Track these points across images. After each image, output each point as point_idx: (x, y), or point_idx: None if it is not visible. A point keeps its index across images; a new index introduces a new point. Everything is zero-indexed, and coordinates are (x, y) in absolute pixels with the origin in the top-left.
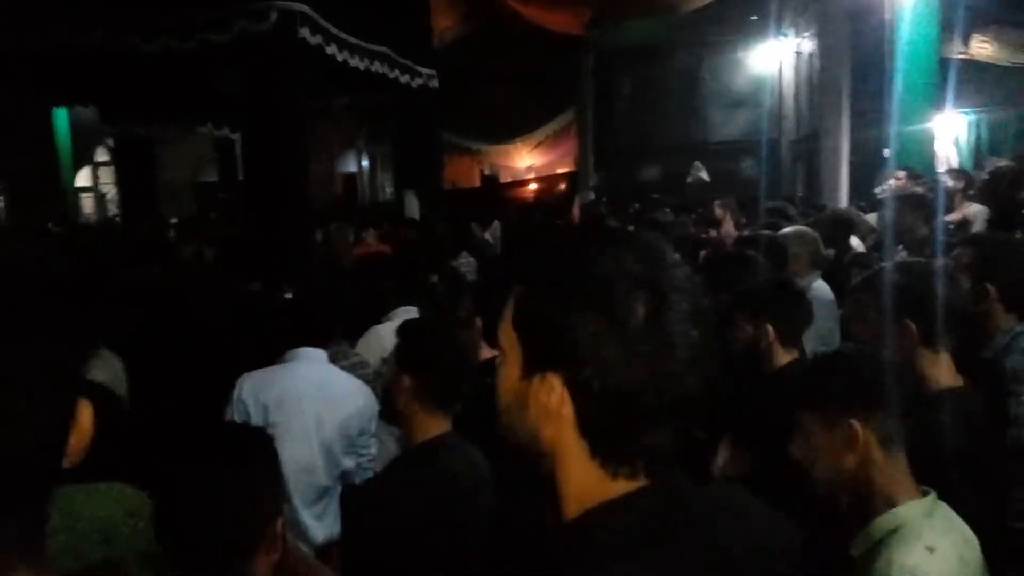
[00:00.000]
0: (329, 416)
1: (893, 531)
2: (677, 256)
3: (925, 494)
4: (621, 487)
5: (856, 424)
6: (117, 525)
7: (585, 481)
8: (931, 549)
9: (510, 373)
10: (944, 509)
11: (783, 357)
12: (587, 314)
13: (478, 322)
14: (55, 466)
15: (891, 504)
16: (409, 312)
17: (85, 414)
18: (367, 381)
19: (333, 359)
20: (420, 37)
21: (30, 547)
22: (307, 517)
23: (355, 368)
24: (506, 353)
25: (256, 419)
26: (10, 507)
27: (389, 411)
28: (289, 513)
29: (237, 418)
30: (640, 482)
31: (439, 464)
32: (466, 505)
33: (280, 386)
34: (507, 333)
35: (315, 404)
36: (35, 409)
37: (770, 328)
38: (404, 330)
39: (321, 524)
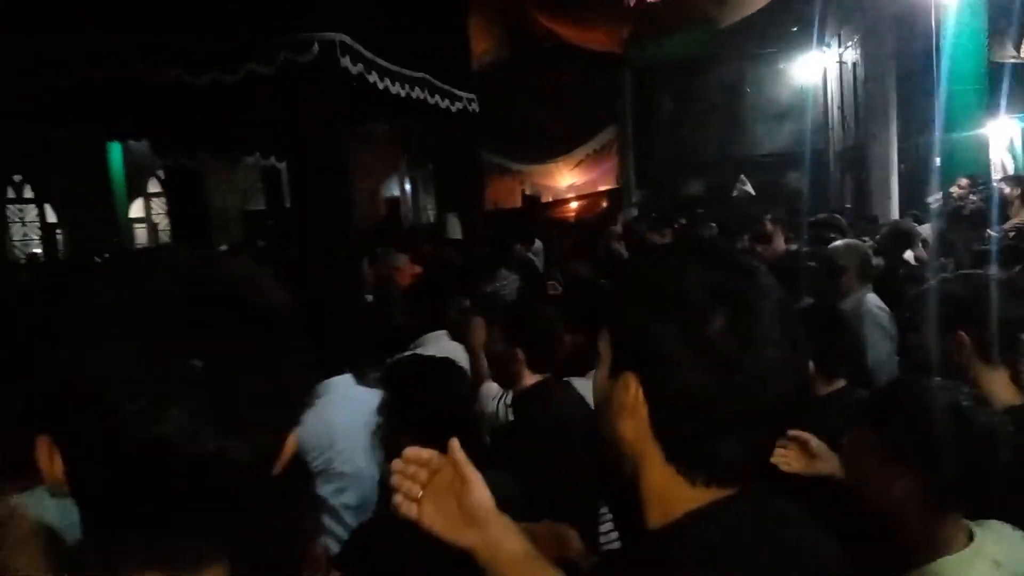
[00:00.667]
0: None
1: None
2: (768, 272)
3: (971, 536)
4: (702, 495)
5: (907, 472)
6: None
7: (664, 486)
8: None
9: (602, 373)
10: (994, 548)
11: (823, 388)
12: (666, 319)
13: (519, 353)
14: (269, 475)
15: (930, 555)
16: (439, 337)
17: (292, 437)
18: None
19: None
20: (459, 61)
21: (226, 552)
22: None
23: None
24: (601, 355)
25: (323, 460)
26: (230, 508)
27: (386, 451)
28: None
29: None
30: (720, 491)
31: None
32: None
33: (331, 432)
34: (602, 338)
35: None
36: (268, 429)
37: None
38: (388, 375)
39: None
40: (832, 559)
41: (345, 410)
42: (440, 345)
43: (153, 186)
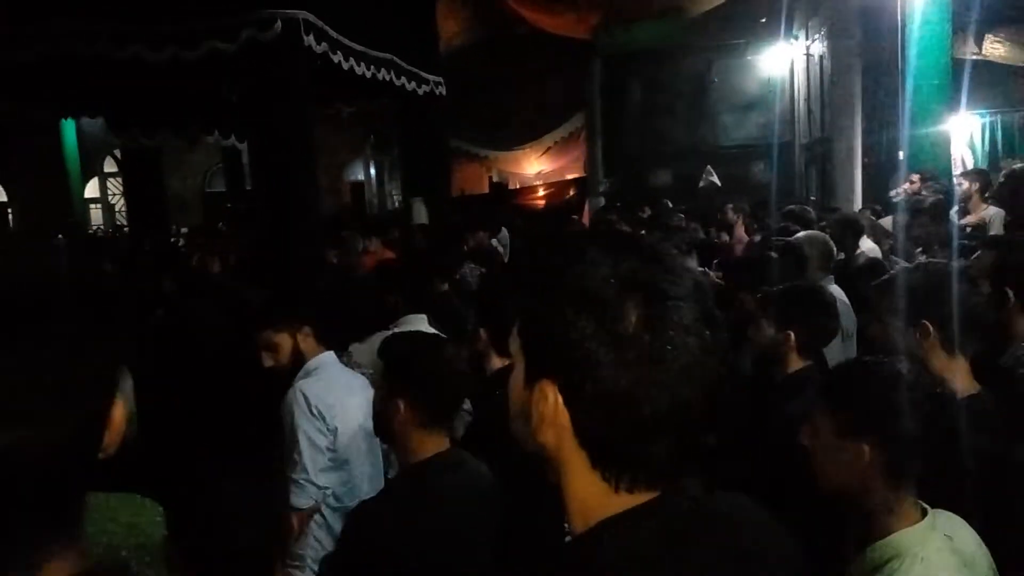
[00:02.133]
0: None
1: (888, 561)
2: (682, 260)
3: (924, 512)
4: (624, 501)
5: (865, 448)
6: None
7: (587, 493)
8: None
9: (517, 381)
10: (945, 526)
11: (796, 363)
12: (579, 319)
13: (482, 333)
14: (92, 460)
15: (887, 529)
16: (419, 320)
17: (119, 411)
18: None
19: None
20: (426, 44)
21: (68, 540)
22: None
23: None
24: (515, 361)
25: (331, 421)
26: (50, 498)
27: (380, 428)
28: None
29: (311, 424)
30: (643, 495)
31: (432, 485)
32: (462, 526)
33: (335, 391)
34: (514, 341)
35: (355, 400)
36: (74, 405)
37: (792, 334)
38: (388, 350)
39: None
40: (774, 560)
41: (339, 382)
42: (420, 328)
43: (109, 166)
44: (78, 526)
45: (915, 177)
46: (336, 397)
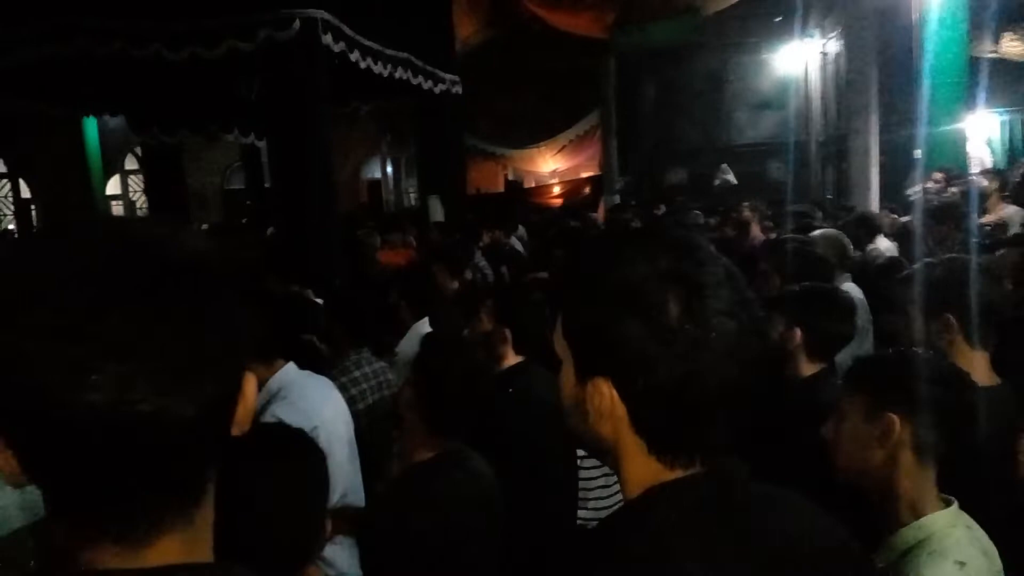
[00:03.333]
0: (343, 423)
1: (919, 543)
2: (713, 250)
3: (947, 503)
4: (676, 474)
5: (895, 418)
6: None
7: (645, 473)
8: (961, 564)
9: (568, 379)
10: (965, 519)
11: (807, 368)
12: (625, 316)
13: (506, 332)
14: (223, 435)
15: (916, 513)
16: (424, 324)
17: (251, 385)
18: (388, 387)
19: (357, 365)
20: (443, 43)
21: (185, 519)
22: None
23: (377, 374)
24: (563, 360)
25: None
26: (173, 469)
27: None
28: None
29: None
30: (695, 470)
31: (425, 489)
32: (456, 528)
33: (316, 413)
34: (559, 341)
35: (334, 416)
36: (216, 377)
37: (798, 332)
38: (425, 342)
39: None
40: (813, 544)
41: (312, 398)
42: (422, 332)
43: (130, 163)
44: (199, 505)
45: (938, 175)
46: (317, 416)
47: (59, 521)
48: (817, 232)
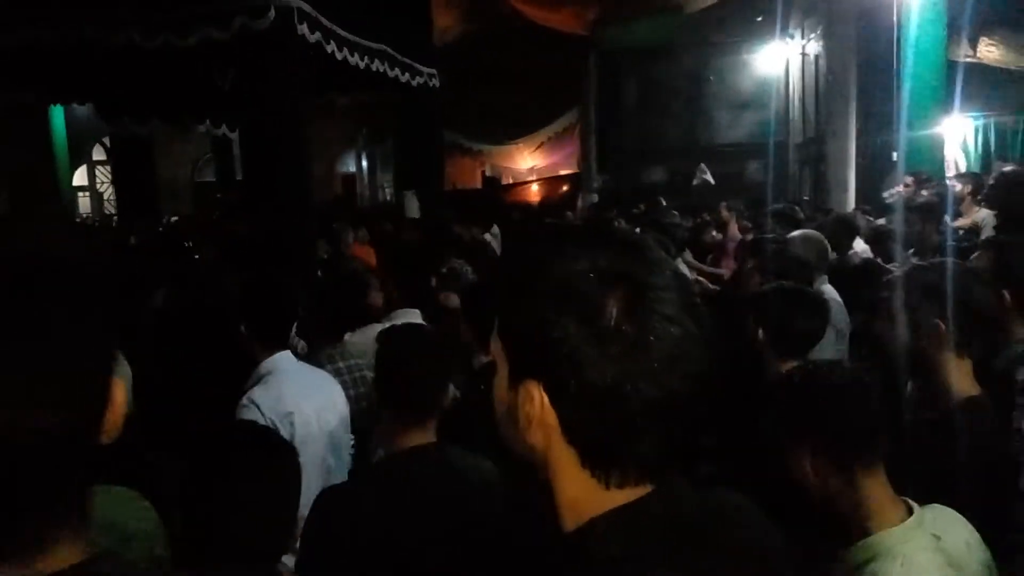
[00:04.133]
0: (331, 416)
1: (865, 563)
2: (661, 252)
3: (910, 511)
4: (615, 498)
5: (806, 454)
6: (132, 528)
7: (578, 491)
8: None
9: (500, 384)
10: (935, 523)
11: (777, 366)
12: (559, 316)
13: (467, 329)
14: (94, 441)
15: (864, 531)
16: (410, 314)
17: (119, 392)
18: (363, 380)
19: (331, 359)
20: (421, 35)
21: (73, 526)
22: None
23: (351, 370)
24: (497, 363)
25: (286, 432)
26: (52, 480)
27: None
28: None
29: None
30: (634, 492)
31: (409, 476)
32: (439, 518)
33: (291, 399)
34: (495, 343)
35: (316, 403)
36: (76, 387)
37: (760, 332)
38: (381, 338)
39: None
40: (765, 556)
41: (295, 385)
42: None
43: (98, 153)
44: (83, 511)
45: (909, 179)
46: (294, 404)
47: None
48: (797, 233)
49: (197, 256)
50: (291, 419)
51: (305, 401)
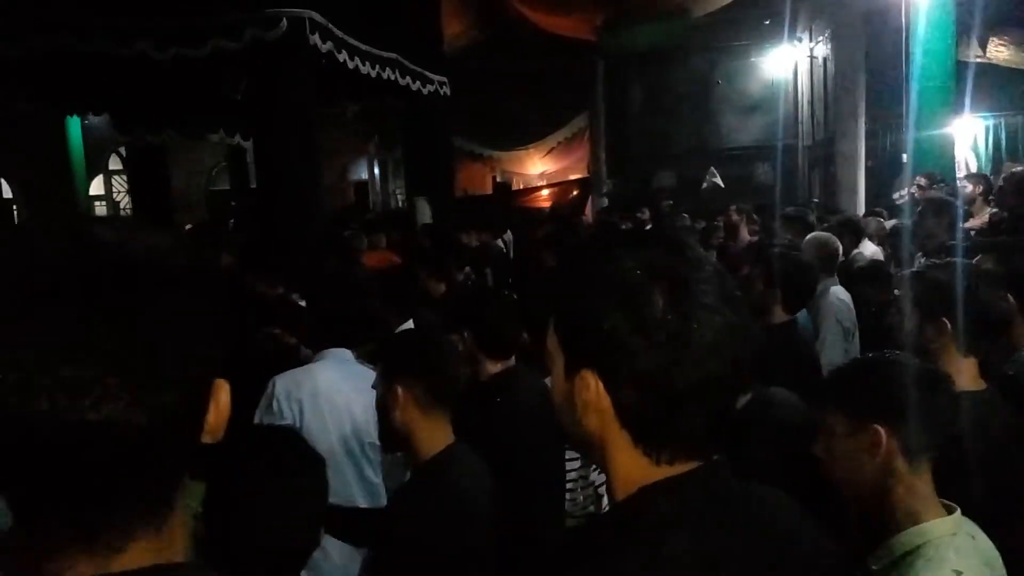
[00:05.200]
0: (360, 408)
1: (916, 548)
2: (702, 250)
3: (950, 511)
4: (664, 472)
5: (880, 430)
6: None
7: (631, 467)
8: (958, 573)
9: (558, 375)
10: (968, 526)
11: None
12: (610, 309)
13: (467, 336)
14: (193, 442)
15: (914, 519)
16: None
17: (223, 394)
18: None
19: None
20: (431, 43)
21: (156, 525)
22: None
23: None
24: (553, 357)
25: (290, 416)
26: (141, 476)
27: (386, 436)
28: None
29: (268, 418)
30: (683, 467)
31: (452, 480)
32: (477, 519)
33: (312, 382)
34: (551, 338)
35: (347, 397)
36: (165, 389)
37: None
38: (381, 348)
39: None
40: (802, 540)
41: (328, 378)
42: None
43: (114, 163)
44: (170, 510)
45: (922, 180)
46: (310, 393)
47: (22, 528)
48: (810, 236)
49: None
50: (299, 407)
51: (335, 395)
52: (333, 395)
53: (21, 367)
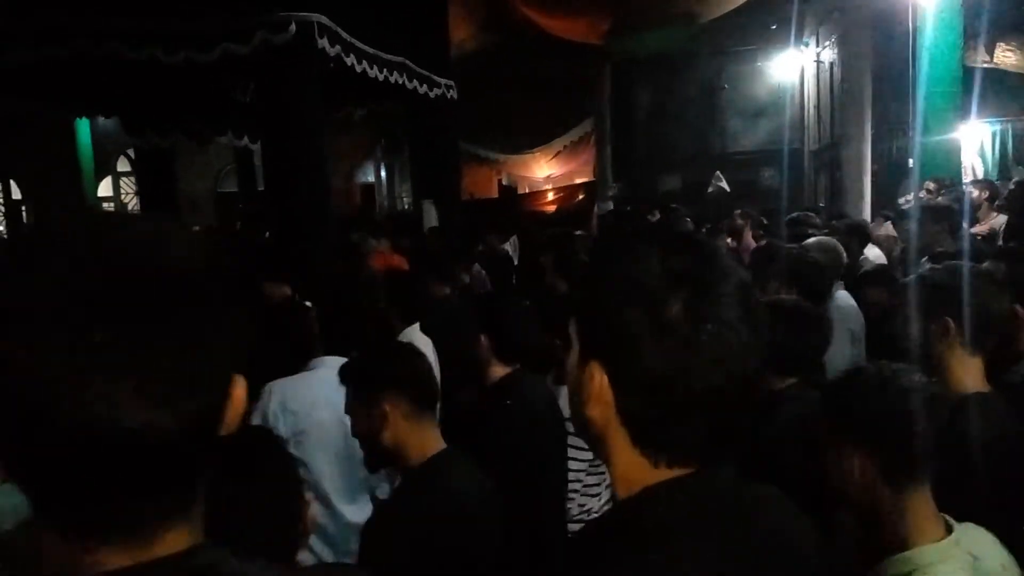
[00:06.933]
0: (338, 425)
1: (907, 574)
2: (732, 260)
3: (949, 529)
4: (660, 475)
5: (855, 457)
6: None
7: (630, 466)
8: None
9: (573, 361)
10: (971, 544)
11: (774, 383)
12: (626, 304)
13: (483, 339)
14: (216, 436)
15: (902, 544)
16: (412, 330)
17: (239, 387)
18: None
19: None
20: (438, 47)
21: (187, 514)
22: (350, 514)
23: None
24: (573, 342)
25: (285, 426)
26: (175, 472)
27: (372, 457)
28: (331, 515)
29: (264, 424)
30: (681, 471)
31: (447, 482)
32: (474, 519)
33: (309, 391)
34: (573, 325)
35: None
36: (195, 395)
37: None
38: (357, 368)
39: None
40: (802, 546)
41: (314, 392)
42: (413, 338)
43: (123, 165)
44: (195, 498)
45: (931, 185)
46: (307, 403)
47: (51, 526)
48: (812, 240)
49: None
50: (294, 418)
51: (327, 403)
52: (330, 404)
53: (60, 379)
